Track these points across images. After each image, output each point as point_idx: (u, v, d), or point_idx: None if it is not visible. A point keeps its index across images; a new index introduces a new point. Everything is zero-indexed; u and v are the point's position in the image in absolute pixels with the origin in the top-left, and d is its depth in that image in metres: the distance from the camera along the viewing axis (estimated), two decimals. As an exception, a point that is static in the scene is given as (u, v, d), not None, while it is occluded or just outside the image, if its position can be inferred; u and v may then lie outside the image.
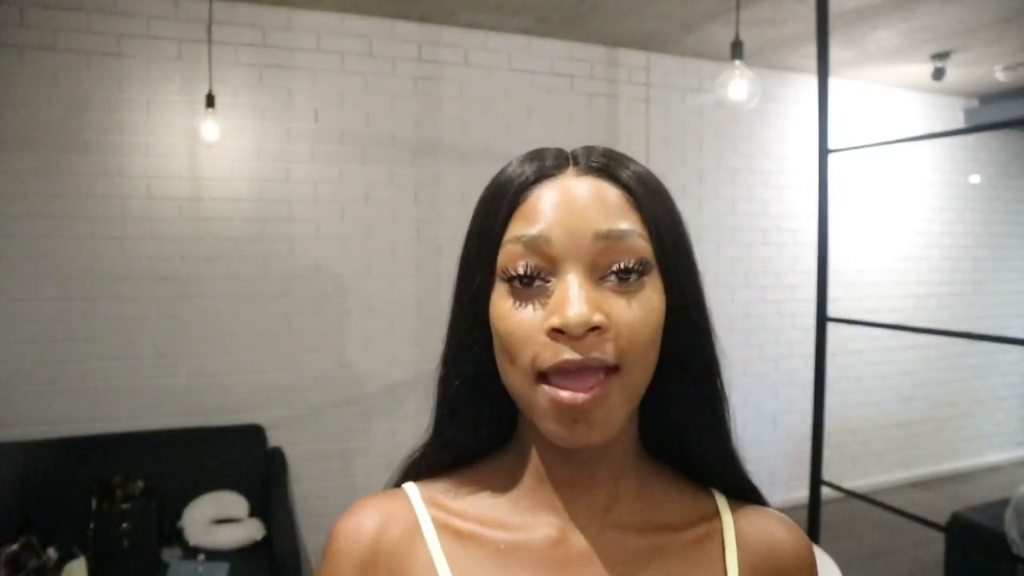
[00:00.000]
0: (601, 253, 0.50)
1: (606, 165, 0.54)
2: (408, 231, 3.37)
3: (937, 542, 2.97)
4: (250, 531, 2.74)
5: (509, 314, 0.51)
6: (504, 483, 0.58)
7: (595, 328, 0.48)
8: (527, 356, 0.50)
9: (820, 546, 2.20)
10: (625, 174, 0.54)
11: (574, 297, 0.48)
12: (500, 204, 0.54)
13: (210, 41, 2.87)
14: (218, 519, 2.78)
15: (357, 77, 3.27)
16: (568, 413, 0.49)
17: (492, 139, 3.49)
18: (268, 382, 3.17)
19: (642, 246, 0.51)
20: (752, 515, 0.59)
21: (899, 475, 4.64)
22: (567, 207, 0.51)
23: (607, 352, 0.49)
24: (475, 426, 0.59)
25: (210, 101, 2.75)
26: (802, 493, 2.61)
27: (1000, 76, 4.14)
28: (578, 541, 0.55)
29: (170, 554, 2.62)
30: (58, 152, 2.84)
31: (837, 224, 3.59)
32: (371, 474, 3.32)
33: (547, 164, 0.54)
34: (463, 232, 0.58)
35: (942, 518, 2.74)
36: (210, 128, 2.82)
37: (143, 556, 2.53)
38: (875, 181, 4.47)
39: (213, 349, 3.08)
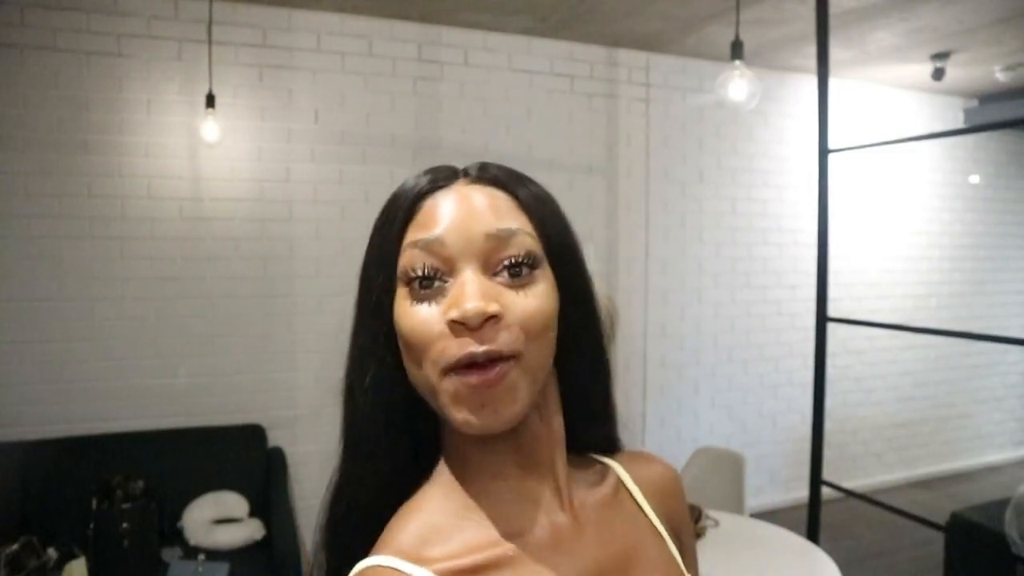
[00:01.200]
0: (492, 251, 0.54)
1: (495, 176, 0.58)
2: (408, 231, 3.36)
3: (937, 542, 2.97)
4: (250, 531, 2.74)
5: (411, 312, 0.53)
6: (463, 499, 0.57)
7: (492, 317, 0.51)
8: (433, 352, 0.52)
9: (820, 546, 2.20)
10: (512, 183, 0.58)
11: (470, 291, 0.51)
12: (397, 212, 0.57)
13: (210, 41, 2.87)
14: (218, 519, 2.78)
15: (357, 77, 3.27)
16: (476, 398, 0.51)
17: (492, 139, 3.49)
18: (268, 382, 3.17)
19: (530, 243, 0.55)
20: (629, 459, 0.68)
21: (899, 475, 4.64)
22: (459, 211, 0.55)
23: (504, 342, 0.51)
24: (389, 435, 0.58)
25: (210, 101, 2.75)
26: (802, 493, 2.61)
27: (1000, 76, 4.14)
28: (563, 519, 0.58)
29: (170, 554, 2.62)
30: (58, 152, 2.84)
31: (837, 224, 3.59)
32: None
33: (440, 176, 0.58)
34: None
35: (942, 518, 2.74)
36: (210, 128, 2.82)
37: (143, 556, 2.53)
38: (875, 181, 4.47)
39: (213, 349, 3.08)
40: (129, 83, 2.92)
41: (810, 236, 3.73)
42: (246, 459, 2.98)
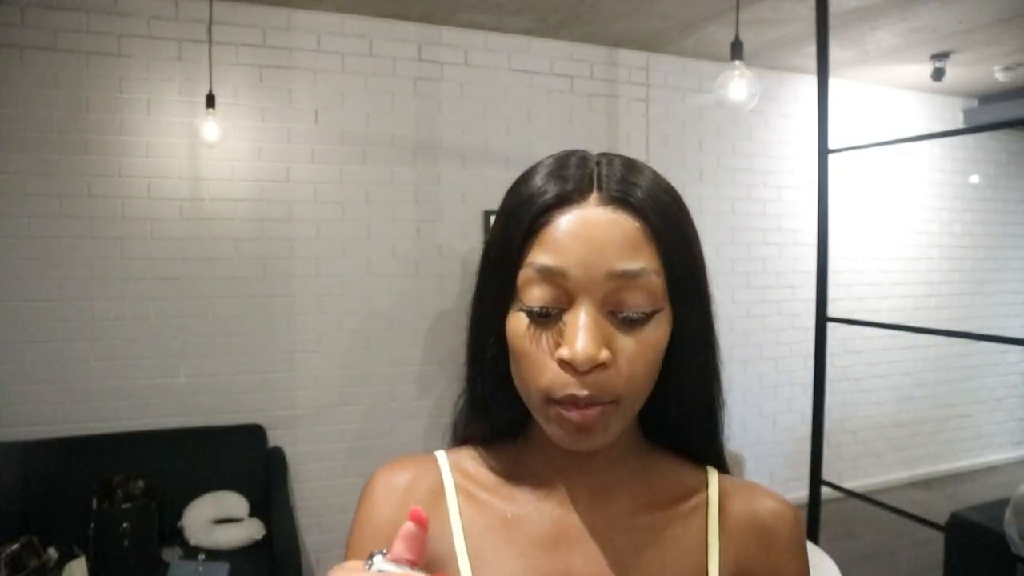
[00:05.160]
0: (613, 291, 0.53)
1: (627, 193, 0.54)
2: (408, 231, 3.37)
3: (937, 542, 2.97)
4: (250, 531, 2.74)
5: (524, 336, 0.54)
6: (516, 462, 0.64)
7: (600, 364, 0.52)
8: (540, 380, 0.54)
9: (820, 546, 2.21)
10: (647, 204, 0.54)
11: (583, 333, 0.51)
12: (520, 221, 0.55)
13: (210, 41, 2.87)
14: (218, 519, 2.78)
15: (357, 77, 3.27)
16: (572, 428, 0.54)
17: (492, 139, 3.49)
18: (268, 382, 3.17)
19: (654, 283, 0.54)
20: (738, 488, 0.63)
21: (899, 475, 4.64)
22: (585, 241, 0.53)
23: (606, 388, 0.53)
24: (492, 418, 0.64)
25: (210, 101, 2.75)
26: (802, 493, 2.61)
27: (999, 76, 4.14)
28: (575, 519, 0.60)
29: (170, 554, 2.63)
30: (58, 152, 2.84)
31: (837, 224, 3.59)
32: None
33: (569, 188, 0.55)
34: (463, 232, 0.59)
35: (941, 518, 2.74)
36: (210, 128, 2.82)
37: (143, 556, 2.53)
38: (875, 181, 4.47)
39: (213, 349, 3.08)
40: (129, 83, 2.92)
41: (810, 236, 3.73)
42: (246, 459, 2.98)
